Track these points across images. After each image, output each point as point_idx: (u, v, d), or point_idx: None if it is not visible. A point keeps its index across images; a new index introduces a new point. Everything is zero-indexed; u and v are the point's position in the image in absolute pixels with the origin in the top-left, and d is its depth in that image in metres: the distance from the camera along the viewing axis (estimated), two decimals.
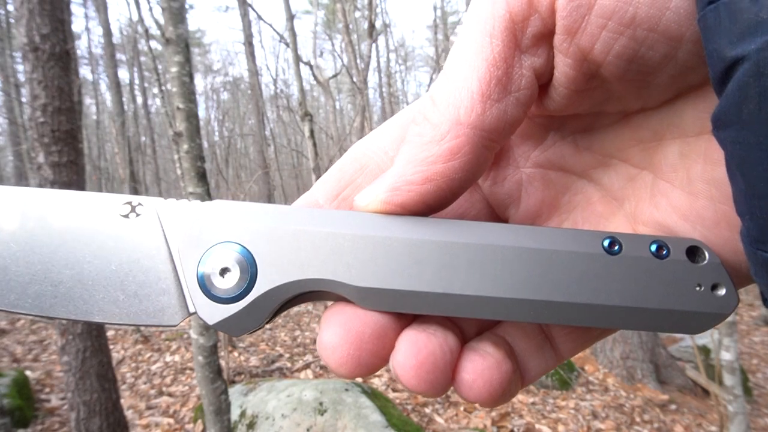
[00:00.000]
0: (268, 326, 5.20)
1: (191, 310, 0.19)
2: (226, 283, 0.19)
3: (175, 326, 0.19)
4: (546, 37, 0.19)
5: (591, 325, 0.19)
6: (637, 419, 3.08)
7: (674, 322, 0.19)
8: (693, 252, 0.20)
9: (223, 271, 0.19)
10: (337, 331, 0.19)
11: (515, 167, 0.25)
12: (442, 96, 0.19)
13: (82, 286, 0.19)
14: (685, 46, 0.17)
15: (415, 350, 0.19)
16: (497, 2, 0.19)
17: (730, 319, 2.42)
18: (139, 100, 16.75)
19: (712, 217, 0.20)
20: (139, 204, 0.21)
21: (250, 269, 0.19)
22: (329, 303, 0.22)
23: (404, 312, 0.20)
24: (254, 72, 14.98)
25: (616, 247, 0.20)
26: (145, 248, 0.20)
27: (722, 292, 0.19)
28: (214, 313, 0.19)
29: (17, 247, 0.19)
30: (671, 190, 0.21)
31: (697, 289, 0.19)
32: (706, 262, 0.19)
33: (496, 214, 0.26)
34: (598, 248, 0.20)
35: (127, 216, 0.20)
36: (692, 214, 0.20)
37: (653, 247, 0.20)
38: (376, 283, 0.19)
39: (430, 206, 0.20)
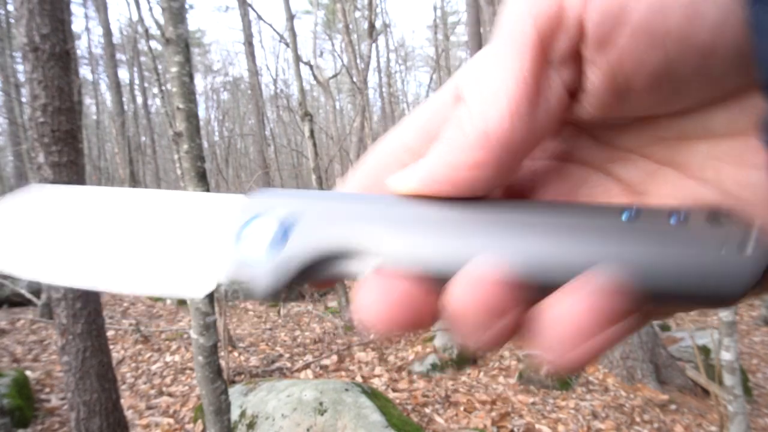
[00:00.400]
0: (267, 326, 5.21)
1: (220, 279, 0.21)
2: (257, 246, 0.21)
3: (201, 297, 0.21)
4: (575, 50, 0.19)
5: None
6: (637, 419, 3.09)
7: (700, 287, 0.18)
8: (714, 216, 0.19)
9: (258, 237, 0.21)
10: (381, 292, 0.20)
11: (532, 158, 0.24)
12: (473, 105, 0.20)
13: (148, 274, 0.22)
14: (719, 58, 0.17)
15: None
16: (524, 18, 0.19)
17: (730, 319, 2.42)
18: (139, 100, 16.75)
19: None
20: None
21: (282, 236, 0.21)
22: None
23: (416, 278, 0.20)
24: (254, 72, 14.98)
25: (635, 214, 0.20)
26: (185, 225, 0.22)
27: (749, 250, 0.18)
28: (244, 273, 0.21)
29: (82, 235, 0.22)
30: (697, 187, 0.21)
31: (722, 252, 0.18)
32: (727, 225, 0.19)
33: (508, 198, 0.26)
34: (617, 217, 0.20)
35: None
36: None
37: (673, 216, 0.19)
38: (404, 249, 0.20)
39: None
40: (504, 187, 0.25)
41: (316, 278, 0.21)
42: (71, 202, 0.23)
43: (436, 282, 0.20)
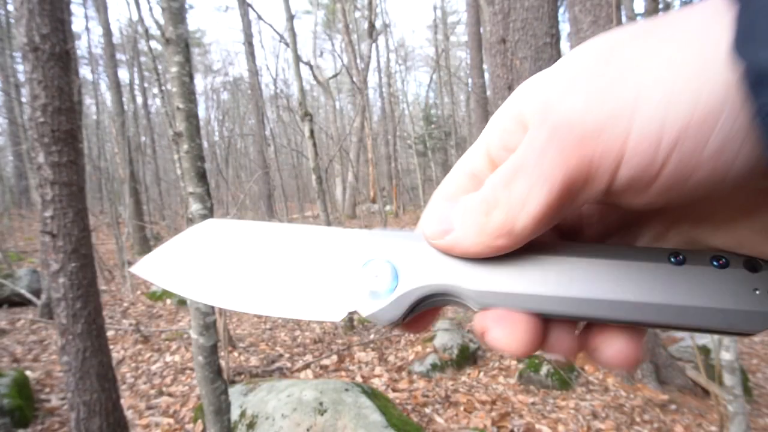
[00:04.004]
0: (267, 326, 5.21)
1: (351, 309, 0.27)
2: (378, 286, 0.26)
3: (336, 322, 0.27)
4: (600, 197, 0.21)
5: (661, 325, 0.23)
6: (637, 419, 3.08)
7: (735, 320, 0.22)
8: (750, 263, 0.23)
9: (377, 277, 0.27)
10: (501, 325, 0.25)
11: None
12: (503, 203, 0.22)
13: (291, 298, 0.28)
14: (746, 195, 0.19)
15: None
16: (555, 168, 0.20)
17: None
18: (139, 100, 16.74)
19: None
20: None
21: (394, 276, 0.26)
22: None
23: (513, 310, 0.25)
24: (254, 72, 14.98)
25: (681, 258, 0.23)
26: (326, 265, 0.28)
27: None
28: (369, 307, 0.26)
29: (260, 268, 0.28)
30: (734, 225, 0.23)
31: (756, 293, 0.22)
32: (763, 270, 0.22)
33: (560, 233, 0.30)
34: (665, 260, 0.23)
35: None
36: (753, 244, 0.23)
37: (714, 261, 0.23)
38: (488, 287, 0.25)
39: None
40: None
41: (425, 308, 0.27)
42: (236, 236, 0.29)
43: (529, 315, 0.25)
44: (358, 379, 3.56)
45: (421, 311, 0.27)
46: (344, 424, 2.38)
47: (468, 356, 3.93)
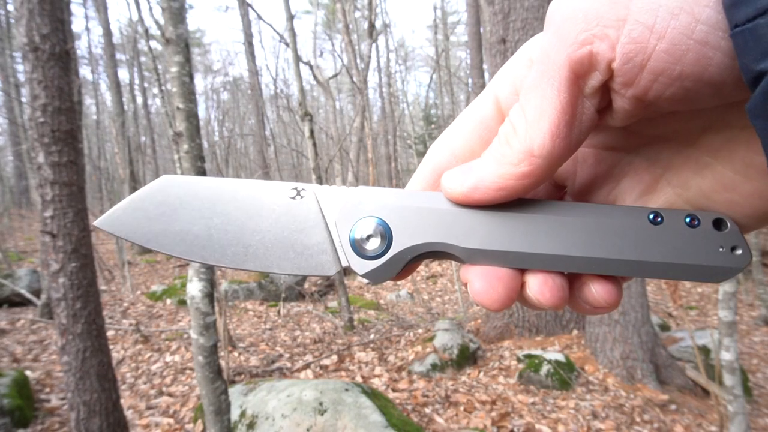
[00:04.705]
0: (267, 326, 5.21)
1: (344, 264, 0.27)
2: (371, 246, 0.27)
3: (330, 276, 0.27)
4: (605, 85, 0.23)
5: (639, 276, 0.26)
6: (637, 419, 3.08)
7: (701, 274, 0.26)
8: (718, 222, 0.26)
9: (369, 237, 0.27)
10: (482, 280, 0.26)
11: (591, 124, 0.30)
12: (519, 127, 0.24)
13: (265, 248, 0.27)
14: (729, 87, 0.21)
15: (545, 281, 0.26)
16: (562, 59, 0.22)
17: (730, 319, 2.42)
18: (139, 100, 16.74)
19: (748, 190, 0.24)
20: (303, 189, 0.28)
21: (387, 236, 0.27)
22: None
23: (497, 266, 0.27)
24: (254, 72, 14.98)
25: (659, 219, 0.26)
26: (308, 221, 0.27)
27: (739, 252, 0.25)
28: (363, 266, 0.27)
29: (218, 221, 0.27)
30: (715, 165, 0.25)
31: (720, 250, 0.25)
32: (728, 230, 0.26)
33: (555, 183, 0.32)
34: (644, 220, 0.26)
35: (294, 198, 0.28)
36: (732, 185, 0.25)
37: (687, 219, 0.26)
38: (478, 245, 0.26)
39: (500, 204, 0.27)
40: None
41: (416, 263, 0.28)
42: (198, 191, 0.29)
43: (512, 270, 0.27)
44: (358, 379, 3.56)
45: (411, 265, 0.28)
46: (344, 424, 2.38)
47: (468, 356, 3.93)
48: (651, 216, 0.26)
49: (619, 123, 0.24)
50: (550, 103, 0.23)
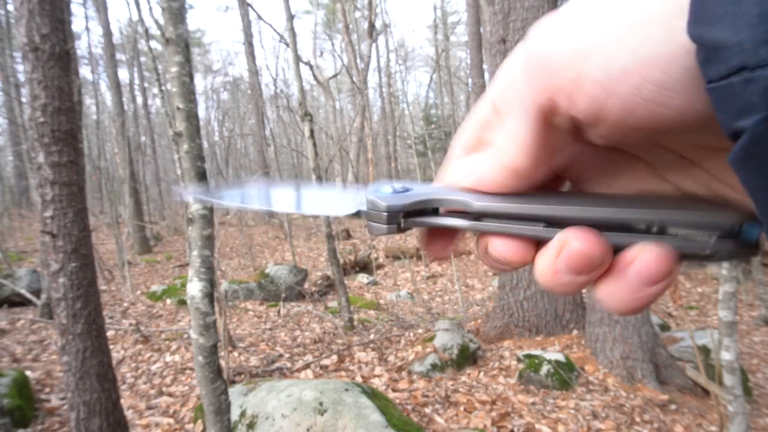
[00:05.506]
0: (267, 326, 5.21)
1: (361, 209, 0.30)
2: (387, 189, 0.29)
3: (345, 215, 0.31)
4: (571, 122, 0.24)
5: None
6: (637, 419, 3.08)
7: (699, 253, 0.25)
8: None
9: (387, 185, 0.30)
10: (501, 241, 0.28)
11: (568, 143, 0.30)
12: (499, 146, 0.27)
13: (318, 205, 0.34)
14: (698, 134, 0.22)
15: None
16: (528, 101, 0.24)
17: (730, 319, 2.42)
18: (139, 100, 16.74)
19: (739, 199, 0.25)
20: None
21: (405, 188, 0.29)
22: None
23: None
24: (254, 72, 14.98)
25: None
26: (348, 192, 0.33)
27: (737, 237, 0.24)
28: (375, 197, 0.29)
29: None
30: (708, 177, 0.26)
31: (715, 237, 0.25)
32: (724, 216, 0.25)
33: (554, 171, 0.33)
34: None
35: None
36: (735, 186, 0.25)
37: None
38: (489, 201, 0.28)
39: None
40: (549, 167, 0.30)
41: (420, 223, 0.29)
42: (279, 188, 0.36)
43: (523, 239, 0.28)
44: (358, 379, 3.56)
45: (432, 227, 0.30)
46: (344, 424, 2.38)
47: (468, 356, 3.93)
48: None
49: (600, 143, 0.25)
50: (521, 130, 0.25)
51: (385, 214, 0.28)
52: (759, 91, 0.16)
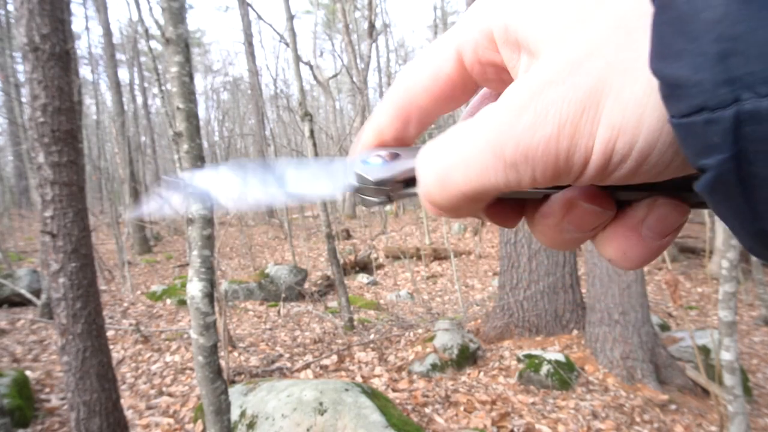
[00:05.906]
0: (267, 326, 5.21)
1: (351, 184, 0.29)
2: (377, 158, 0.28)
3: (336, 195, 0.30)
4: None
5: None
6: (637, 419, 3.08)
7: None
8: None
9: (369, 165, 0.29)
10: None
11: None
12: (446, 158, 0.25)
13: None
14: (669, 171, 0.21)
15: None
16: (480, 168, 0.22)
17: (730, 319, 2.42)
18: (139, 100, 16.74)
19: None
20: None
21: (391, 157, 0.28)
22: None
23: None
24: (254, 72, 14.98)
25: None
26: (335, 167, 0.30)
27: None
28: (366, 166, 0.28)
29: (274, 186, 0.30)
30: None
31: None
32: None
33: None
34: None
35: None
36: None
37: None
38: None
39: None
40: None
41: (412, 193, 0.28)
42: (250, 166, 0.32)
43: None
44: (358, 379, 3.56)
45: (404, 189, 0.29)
46: (344, 424, 2.38)
47: (468, 356, 3.93)
48: None
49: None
50: (459, 180, 0.24)
51: (375, 187, 0.27)
52: (720, 132, 0.16)
